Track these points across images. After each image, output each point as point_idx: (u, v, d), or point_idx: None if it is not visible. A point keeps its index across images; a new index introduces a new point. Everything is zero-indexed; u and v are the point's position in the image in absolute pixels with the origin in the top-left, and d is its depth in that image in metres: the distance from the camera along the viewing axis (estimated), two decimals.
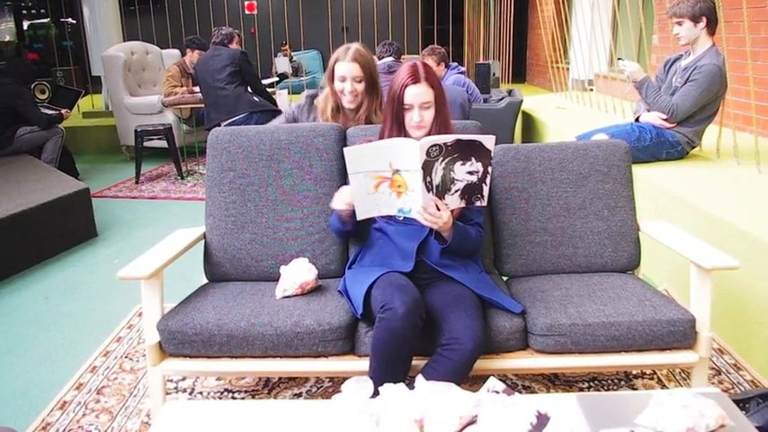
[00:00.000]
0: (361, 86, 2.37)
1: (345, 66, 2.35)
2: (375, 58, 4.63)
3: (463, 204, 1.80)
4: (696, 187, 2.98)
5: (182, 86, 5.97)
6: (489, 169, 1.76)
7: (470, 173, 1.74)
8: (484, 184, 1.78)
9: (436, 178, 1.71)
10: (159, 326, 1.85)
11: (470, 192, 1.78)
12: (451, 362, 1.67)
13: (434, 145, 1.66)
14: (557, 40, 6.93)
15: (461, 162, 1.71)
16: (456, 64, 5.20)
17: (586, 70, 6.74)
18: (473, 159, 1.72)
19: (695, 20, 3.19)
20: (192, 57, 5.99)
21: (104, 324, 2.76)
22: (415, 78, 1.87)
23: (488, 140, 1.72)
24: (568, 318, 1.82)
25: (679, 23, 3.24)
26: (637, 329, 1.80)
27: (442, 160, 1.69)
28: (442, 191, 1.74)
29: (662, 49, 5.31)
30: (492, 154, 1.74)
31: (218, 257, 2.20)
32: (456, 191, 1.76)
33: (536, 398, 1.68)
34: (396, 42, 4.69)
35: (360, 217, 1.83)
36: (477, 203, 1.81)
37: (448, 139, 1.67)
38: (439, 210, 1.75)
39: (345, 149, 1.74)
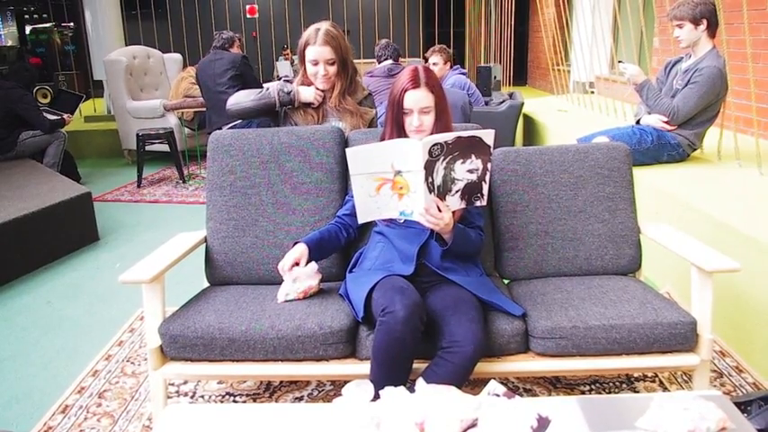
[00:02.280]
0: (333, 69, 2.33)
1: (317, 50, 2.30)
2: (375, 60, 4.65)
3: (464, 205, 1.81)
4: (697, 189, 2.98)
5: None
6: (489, 166, 1.77)
7: (470, 171, 1.76)
8: (483, 182, 1.79)
9: (437, 179, 1.72)
10: (161, 330, 1.86)
11: (470, 191, 1.79)
12: (452, 365, 1.67)
13: (436, 144, 1.67)
14: (557, 42, 6.93)
15: (461, 160, 1.72)
16: (458, 66, 5.21)
17: (587, 73, 6.75)
18: (473, 157, 1.74)
19: (696, 22, 3.19)
20: None
21: (106, 328, 2.76)
22: (415, 83, 1.87)
23: (488, 135, 1.74)
24: (569, 321, 1.82)
25: (679, 26, 3.24)
26: (638, 332, 1.80)
27: (443, 159, 1.70)
28: (442, 192, 1.75)
29: (662, 51, 5.31)
30: (491, 149, 1.75)
31: (220, 261, 2.20)
32: (456, 191, 1.77)
33: (537, 401, 1.68)
34: (394, 44, 4.69)
35: (361, 220, 1.84)
36: (478, 203, 1.82)
37: (449, 137, 1.68)
38: (440, 211, 1.75)
39: (348, 150, 1.74)
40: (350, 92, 2.41)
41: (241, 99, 2.35)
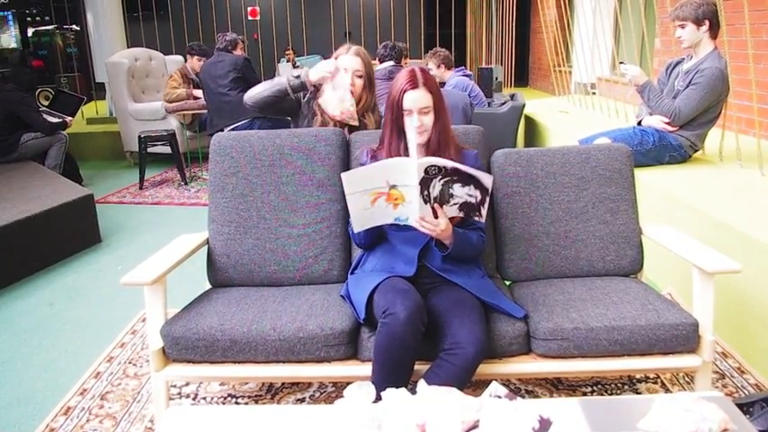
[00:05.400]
0: (360, 82, 2.43)
1: (348, 59, 2.41)
2: (376, 61, 4.64)
3: (461, 215, 1.80)
4: (699, 191, 2.98)
5: (181, 86, 5.95)
6: (487, 198, 1.75)
7: (469, 195, 1.74)
8: (482, 207, 1.77)
9: (434, 192, 1.71)
10: (162, 331, 1.86)
11: (468, 209, 1.78)
12: (454, 367, 1.67)
13: (433, 165, 1.65)
14: (559, 43, 6.94)
15: (461, 184, 1.71)
16: (462, 67, 5.20)
17: (589, 74, 6.74)
18: (472, 186, 1.72)
19: (698, 23, 3.19)
20: (193, 63, 6.02)
21: (108, 330, 2.77)
22: (413, 84, 1.87)
23: (487, 179, 1.71)
24: (571, 322, 1.82)
25: (682, 26, 3.24)
26: (639, 333, 1.80)
27: (441, 179, 1.68)
28: (440, 202, 1.74)
29: (664, 52, 5.31)
30: (490, 191, 1.73)
31: (222, 263, 2.21)
32: (454, 204, 1.76)
33: (539, 402, 1.68)
34: (398, 44, 4.64)
35: (357, 229, 1.83)
36: (476, 218, 1.81)
37: (447, 164, 1.66)
38: (437, 218, 1.75)
39: (343, 175, 1.72)
40: (366, 116, 2.49)
41: (256, 91, 2.46)
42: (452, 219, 1.82)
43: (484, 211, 1.79)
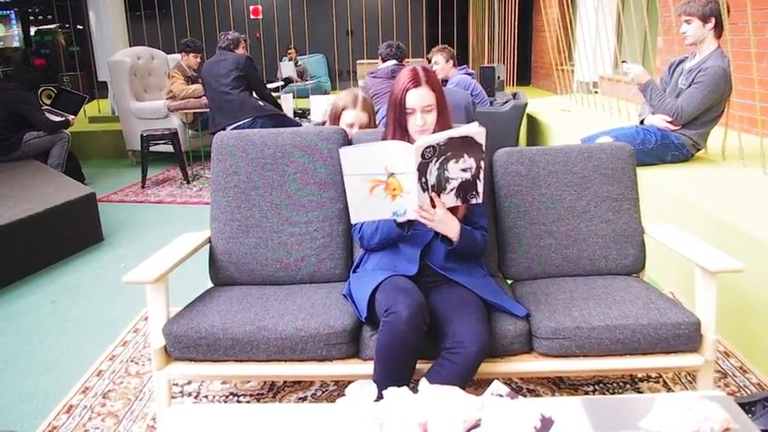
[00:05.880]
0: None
1: (355, 114, 2.47)
2: (378, 60, 4.63)
3: (459, 203, 1.81)
4: (701, 190, 2.97)
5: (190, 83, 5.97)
6: (482, 164, 1.76)
7: (464, 170, 1.75)
8: (478, 180, 1.78)
9: (431, 179, 1.72)
10: (165, 330, 1.86)
11: (465, 190, 1.78)
12: (456, 366, 1.67)
13: (428, 147, 1.66)
14: (561, 42, 6.93)
15: (455, 160, 1.72)
16: (465, 66, 5.19)
17: (591, 73, 6.73)
18: (465, 156, 1.73)
19: (704, 20, 3.18)
20: (188, 60, 6.04)
21: (110, 328, 2.77)
22: (416, 82, 1.87)
23: (479, 135, 1.71)
24: (573, 321, 1.82)
25: (688, 22, 3.23)
26: (641, 332, 1.80)
27: (436, 160, 1.70)
28: (437, 190, 1.75)
29: (666, 51, 5.30)
30: (484, 147, 1.73)
31: (224, 261, 2.21)
32: (451, 190, 1.77)
33: (540, 401, 1.68)
34: (401, 44, 4.63)
35: (354, 221, 1.84)
36: (473, 200, 1.82)
37: (440, 138, 1.67)
38: (434, 207, 1.75)
39: (341, 150, 1.71)
40: None
41: None
42: (454, 212, 1.82)
43: (480, 187, 1.79)
